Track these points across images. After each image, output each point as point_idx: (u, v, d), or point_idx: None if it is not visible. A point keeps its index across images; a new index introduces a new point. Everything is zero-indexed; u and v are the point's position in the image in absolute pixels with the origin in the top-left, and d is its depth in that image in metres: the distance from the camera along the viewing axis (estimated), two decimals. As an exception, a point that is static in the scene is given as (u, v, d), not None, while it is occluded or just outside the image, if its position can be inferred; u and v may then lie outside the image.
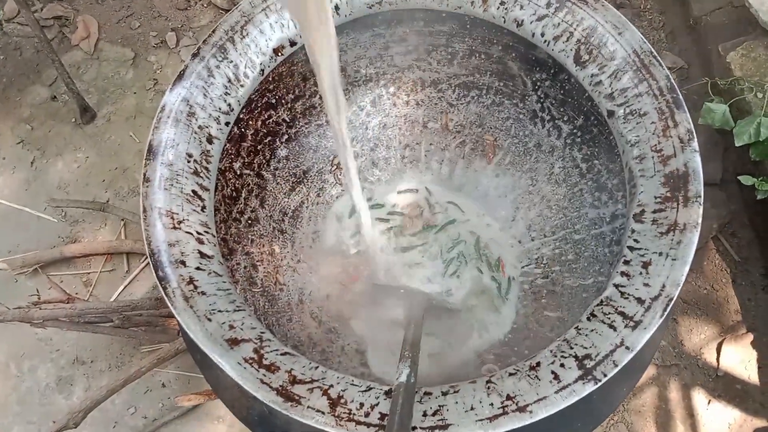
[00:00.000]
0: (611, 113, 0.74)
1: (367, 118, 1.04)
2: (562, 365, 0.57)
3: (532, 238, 0.97)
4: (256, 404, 0.70)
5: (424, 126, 1.05)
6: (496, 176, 1.02)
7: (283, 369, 0.58)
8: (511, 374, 0.57)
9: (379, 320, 0.91)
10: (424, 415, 0.55)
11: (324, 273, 0.97)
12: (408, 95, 1.03)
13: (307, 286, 0.95)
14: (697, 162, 0.66)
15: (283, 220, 0.96)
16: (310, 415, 0.55)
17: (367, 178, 1.06)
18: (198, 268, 0.65)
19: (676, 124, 0.68)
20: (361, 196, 0.82)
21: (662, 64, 0.72)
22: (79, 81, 1.62)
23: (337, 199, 1.04)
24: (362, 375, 0.85)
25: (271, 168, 0.94)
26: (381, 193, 1.06)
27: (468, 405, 0.55)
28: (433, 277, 0.98)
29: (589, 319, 0.61)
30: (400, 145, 1.06)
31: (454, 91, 1.01)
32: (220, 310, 0.62)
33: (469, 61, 0.95)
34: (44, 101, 1.63)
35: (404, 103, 1.04)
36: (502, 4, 0.80)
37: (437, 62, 0.97)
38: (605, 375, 0.56)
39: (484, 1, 0.82)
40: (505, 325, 0.92)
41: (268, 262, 0.90)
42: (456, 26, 0.89)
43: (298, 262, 0.96)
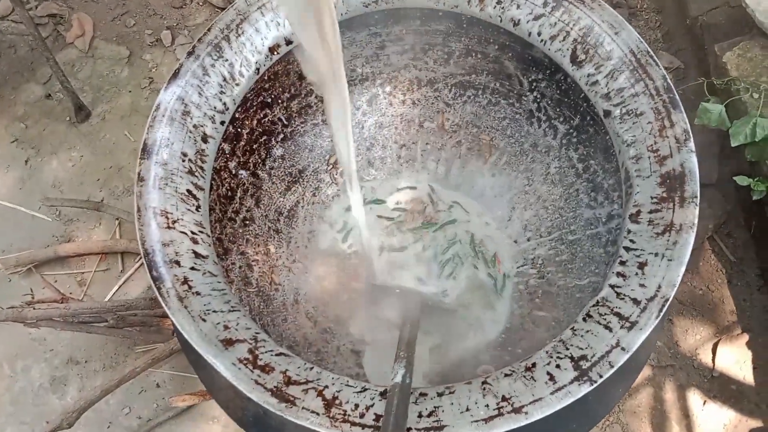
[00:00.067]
0: (607, 113, 0.73)
1: (363, 118, 1.04)
2: (558, 366, 0.57)
3: (527, 238, 0.97)
4: (251, 405, 0.69)
5: (421, 125, 1.05)
6: (492, 176, 1.02)
7: (278, 370, 0.58)
8: (506, 375, 0.57)
9: (375, 320, 0.91)
10: (420, 416, 0.55)
11: (319, 273, 0.97)
12: (404, 94, 1.03)
13: (302, 286, 0.94)
14: (693, 162, 0.66)
15: (278, 220, 0.96)
16: (305, 416, 0.55)
17: (363, 177, 1.06)
18: (192, 268, 0.65)
19: (672, 125, 0.68)
20: (360, 196, 0.81)
21: (659, 64, 0.71)
22: (74, 79, 1.61)
23: (333, 199, 1.04)
24: (357, 376, 0.85)
25: (267, 167, 0.94)
26: (378, 191, 1.06)
27: (463, 406, 0.55)
28: (427, 278, 0.97)
29: (584, 320, 0.60)
30: (396, 145, 1.06)
31: (450, 91, 1.00)
32: (214, 311, 0.62)
33: (465, 61, 0.95)
34: (39, 99, 1.62)
35: (400, 103, 1.03)
36: (499, 3, 0.80)
37: (434, 61, 0.97)
38: (601, 376, 0.56)
39: (481, 0, 0.81)
40: (500, 323, 0.92)
41: (264, 261, 0.90)
42: (452, 25, 0.89)
43: (294, 262, 0.96)
